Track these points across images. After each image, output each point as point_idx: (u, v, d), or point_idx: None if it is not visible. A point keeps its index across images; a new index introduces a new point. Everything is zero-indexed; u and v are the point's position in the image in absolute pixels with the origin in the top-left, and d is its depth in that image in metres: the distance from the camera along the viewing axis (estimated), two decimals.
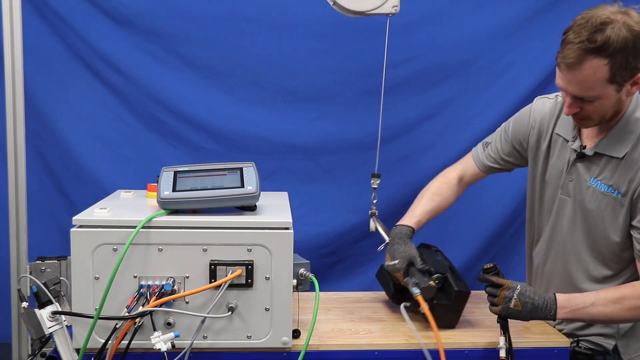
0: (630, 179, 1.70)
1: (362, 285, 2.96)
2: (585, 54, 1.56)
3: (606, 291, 1.73)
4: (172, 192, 1.74)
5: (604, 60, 1.56)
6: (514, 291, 1.73)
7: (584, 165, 1.79)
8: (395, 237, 1.95)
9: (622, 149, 1.71)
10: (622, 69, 1.58)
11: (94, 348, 1.65)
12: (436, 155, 2.96)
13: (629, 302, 1.68)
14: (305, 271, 1.83)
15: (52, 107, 2.80)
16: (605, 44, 1.54)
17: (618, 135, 1.72)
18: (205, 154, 2.88)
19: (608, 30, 1.54)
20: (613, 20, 1.55)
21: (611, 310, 1.69)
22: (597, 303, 1.70)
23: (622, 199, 1.71)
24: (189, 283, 1.69)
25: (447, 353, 1.81)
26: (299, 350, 1.72)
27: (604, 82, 1.60)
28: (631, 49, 1.56)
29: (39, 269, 1.84)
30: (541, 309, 1.72)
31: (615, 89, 1.62)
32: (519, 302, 1.72)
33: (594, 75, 1.59)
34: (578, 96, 1.65)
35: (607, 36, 1.54)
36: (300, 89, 2.90)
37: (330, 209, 2.96)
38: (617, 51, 1.55)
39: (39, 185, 2.80)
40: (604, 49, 1.55)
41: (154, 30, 2.80)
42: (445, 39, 2.90)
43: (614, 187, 1.72)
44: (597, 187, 1.75)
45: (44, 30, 2.74)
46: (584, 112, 1.69)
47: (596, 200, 1.76)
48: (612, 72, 1.58)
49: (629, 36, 1.54)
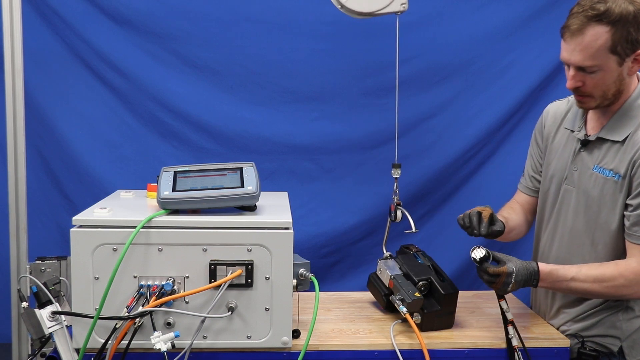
0: (629, 160, 1.72)
1: (362, 285, 2.94)
2: (588, 20, 1.65)
3: (589, 267, 1.76)
4: (172, 192, 1.74)
5: (606, 27, 1.64)
6: (511, 277, 1.74)
7: (587, 153, 1.82)
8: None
9: (623, 133, 1.74)
10: (623, 40, 1.65)
11: (93, 348, 1.65)
12: (436, 155, 2.96)
13: (610, 281, 1.71)
14: (305, 271, 1.83)
15: (52, 107, 2.79)
16: (607, 11, 1.63)
17: (620, 120, 1.76)
18: (205, 154, 2.88)
19: (610, 1, 1.64)
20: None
21: (590, 286, 1.73)
22: (577, 278, 1.74)
23: (622, 181, 1.73)
24: (189, 283, 1.69)
25: (447, 353, 1.83)
26: (299, 350, 1.72)
27: (606, 50, 1.66)
28: (632, 20, 1.64)
29: (39, 269, 1.84)
30: (528, 281, 1.75)
31: (616, 61, 1.68)
32: (515, 285, 1.75)
33: (596, 42, 1.66)
34: (580, 66, 1.70)
35: (608, 6, 1.64)
36: (300, 89, 2.90)
37: (330, 209, 2.96)
38: (619, 20, 1.63)
39: (38, 185, 2.80)
40: (606, 16, 1.63)
41: (154, 30, 2.79)
42: (445, 39, 2.90)
43: (615, 170, 1.75)
44: (599, 173, 1.78)
45: (44, 31, 2.74)
46: (586, 87, 1.74)
47: (598, 186, 1.78)
48: (613, 41, 1.65)
49: (630, 8, 1.63)
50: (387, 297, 1.98)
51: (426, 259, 2.05)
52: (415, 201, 2.96)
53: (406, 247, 2.14)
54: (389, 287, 1.98)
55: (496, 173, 2.99)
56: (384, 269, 2.03)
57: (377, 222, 2.91)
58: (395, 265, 2.03)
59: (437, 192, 3.01)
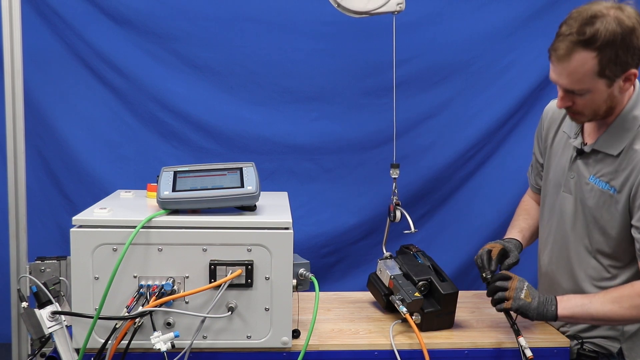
0: (625, 177, 1.69)
1: (362, 285, 2.94)
2: (574, 46, 1.58)
3: (605, 292, 1.73)
4: (171, 192, 1.74)
5: (593, 53, 1.58)
6: (524, 282, 1.76)
7: (583, 162, 1.80)
8: (509, 242, 2.01)
9: (618, 147, 1.71)
10: (611, 63, 1.59)
11: (93, 348, 1.65)
12: (436, 155, 2.96)
13: (628, 300, 1.67)
14: (305, 271, 1.83)
15: (52, 107, 2.79)
16: (594, 36, 1.56)
17: (615, 133, 1.72)
18: (205, 154, 2.88)
19: (597, 23, 1.56)
20: (604, 14, 1.57)
21: (610, 308, 1.68)
22: (595, 301, 1.70)
23: (618, 195, 1.71)
24: (189, 283, 1.69)
25: (447, 353, 1.82)
26: (298, 350, 1.72)
27: (593, 75, 1.60)
28: (620, 42, 1.56)
29: (39, 269, 1.84)
30: (544, 304, 1.73)
31: (605, 84, 1.63)
32: (529, 293, 1.74)
33: (583, 67, 1.60)
34: (569, 89, 1.66)
35: (595, 29, 1.56)
36: (300, 89, 2.90)
37: (330, 209, 2.96)
38: (606, 44, 1.56)
39: (38, 185, 2.80)
40: (592, 42, 1.56)
41: (154, 30, 2.79)
42: (445, 39, 2.90)
43: (611, 184, 1.72)
44: (595, 184, 1.75)
45: (44, 30, 2.74)
46: (576, 106, 1.70)
47: (595, 197, 1.76)
48: (601, 66, 1.59)
49: (618, 30, 1.56)
50: (387, 297, 1.98)
51: (426, 259, 2.05)
52: (415, 201, 2.96)
53: (406, 247, 2.14)
54: (388, 287, 1.98)
55: (496, 173, 2.99)
56: (383, 269, 2.03)
57: (377, 222, 2.92)
58: (395, 265, 2.03)
59: (437, 192, 3.01)
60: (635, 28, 1.58)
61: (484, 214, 3.00)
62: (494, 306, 1.79)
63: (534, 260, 2.11)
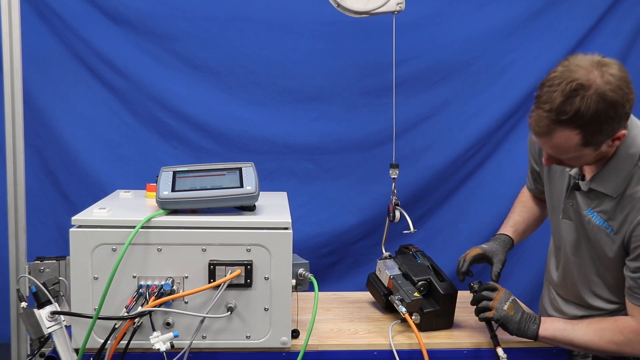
0: (622, 220, 1.63)
1: (361, 285, 2.94)
2: (554, 124, 1.49)
3: (589, 320, 1.72)
4: (171, 192, 1.74)
5: (575, 130, 1.48)
6: (510, 295, 1.77)
7: (581, 194, 1.73)
8: (497, 239, 1.98)
9: (616, 188, 1.62)
10: (596, 134, 1.50)
11: (93, 348, 1.65)
12: (436, 155, 2.96)
13: (609, 335, 1.65)
14: (304, 271, 1.83)
15: (52, 107, 2.79)
16: (575, 115, 1.45)
17: (611, 172, 1.63)
18: (205, 154, 2.88)
19: (577, 100, 1.45)
20: (586, 86, 1.45)
21: (590, 339, 1.67)
22: (577, 329, 1.69)
23: (615, 236, 1.66)
24: (188, 283, 1.69)
25: (447, 353, 1.82)
26: (298, 350, 1.72)
27: (578, 146, 1.52)
28: (604, 117, 1.46)
29: (38, 269, 1.84)
30: (526, 320, 1.74)
31: (592, 149, 1.54)
32: (512, 306, 1.75)
33: (566, 142, 1.52)
34: (554, 156, 1.61)
35: (577, 107, 1.45)
36: (300, 89, 2.90)
37: (330, 209, 2.96)
38: (589, 122, 1.46)
39: (38, 185, 2.80)
40: (574, 121, 1.47)
41: (154, 30, 2.79)
42: (445, 39, 2.90)
43: (609, 223, 1.66)
44: (593, 218, 1.70)
45: (43, 30, 2.74)
46: (563, 163, 1.64)
47: (592, 230, 1.71)
48: (585, 139, 1.50)
49: (601, 106, 1.45)
50: (387, 297, 1.98)
51: (425, 259, 2.05)
52: (414, 201, 2.96)
53: (405, 247, 2.14)
54: (388, 287, 1.98)
55: (495, 173, 2.99)
56: (383, 269, 2.03)
57: (376, 222, 2.92)
58: (394, 265, 2.03)
59: (436, 192, 3.01)
60: (620, 98, 1.46)
61: (483, 214, 3.00)
62: (477, 315, 1.81)
63: (534, 261, 2.11)
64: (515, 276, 3.00)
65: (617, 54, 2.92)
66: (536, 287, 2.18)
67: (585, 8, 2.90)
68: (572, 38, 2.91)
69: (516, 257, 2.99)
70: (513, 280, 2.96)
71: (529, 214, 2.07)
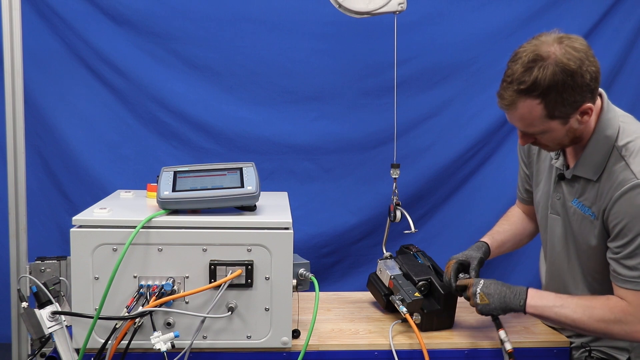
0: (601, 202, 1.65)
1: (362, 285, 2.94)
2: (517, 94, 1.54)
3: (580, 297, 1.71)
4: (171, 192, 1.74)
5: (536, 100, 1.53)
6: (477, 286, 1.76)
7: (566, 185, 1.75)
8: (471, 247, 1.99)
9: (595, 170, 1.65)
10: (559, 105, 1.53)
11: (93, 348, 1.65)
12: (436, 155, 2.96)
13: (598, 313, 1.64)
14: (305, 271, 1.83)
15: (52, 107, 2.79)
16: (534, 84, 1.51)
17: (590, 156, 1.66)
18: (205, 154, 2.88)
19: (535, 70, 1.50)
20: (545, 56, 1.51)
21: (579, 317, 1.65)
22: (566, 305, 1.67)
23: (596, 221, 1.67)
24: (189, 283, 1.69)
25: (447, 353, 1.83)
26: (298, 350, 1.72)
27: (544, 118, 1.56)
28: (562, 86, 1.50)
29: (39, 269, 1.84)
30: (510, 298, 1.72)
31: (559, 122, 1.58)
32: (483, 296, 1.74)
33: (531, 114, 1.56)
34: (525, 131, 1.64)
35: (534, 77, 1.50)
36: (300, 89, 2.90)
37: (330, 209, 2.96)
38: (547, 90, 1.51)
39: (38, 185, 2.80)
40: (533, 90, 1.52)
41: (154, 30, 2.79)
42: (445, 39, 2.90)
43: (591, 209, 1.68)
44: (578, 208, 1.71)
45: (44, 31, 2.74)
46: (539, 142, 1.68)
47: (578, 220, 1.73)
48: (548, 110, 1.54)
49: (558, 74, 1.49)
50: (387, 297, 1.98)
51: (426, 259, 2.05)
52: (415, 201, 2.96)
53: (406, 247, 2.14)
54: (388, 287, 1.98)
55: (495, 173, 2.99)
56: (383, 269, 2.03)
57: (376, 222, 2.92)
58: (395, 265, 2.03)
59: (436, 192, 3.01)
60: (578, 68, 1.51)
61: (483, 214, 2.99)
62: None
63: (534, 261, 2.11)
64: (516, 276, 3.00)
65: (617, 54, 2.93)
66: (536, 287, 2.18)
67: (585, 8, 2.89)
68: None
69: (516, 257, 2.99)
70: (513, 281, 2.95)
71: (510, 227, 2.08)
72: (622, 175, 1.59)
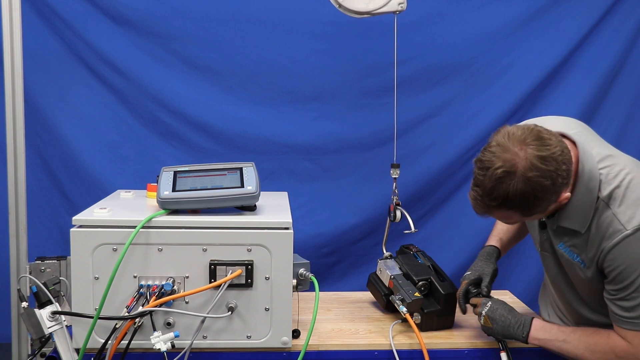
0: (593, 254, 1.62)
1: (362, 285, 2.94)
2: (490, 208, 1.56)
3: (583, 332, 1.70)
4: (171, 192, 1.74)
5: (510, 210, 1.54)
6: (483, 308, 1.79)
7: (551, 230, 1.73)
8: (482, 255, 2.00)
9: (582, 223, 1.61)
10: (533, 209, 1.53)
11: (93, 348, 1.65)
12: (436, 155, 2.96)
13: (601, 354, 1.65)
14: (305, 271, 1.83)
15: (52, 107, 2.79)
16: (505, 200, 1.50)
17: (575, 209, 1.61)
18: (205, 154, 2.88)
19: (504, 185, 1.49)
20: (511, 172, 1.48)
21: (581, 353, 1.67)
22: (569, 340, 1.69)
23: (587, 270, 1.66)
24: (189, 283, 1.69)
25: (447, 353, 1.83)
26: (298, 350, 1.72)
27: (522, 217, 1.58)
28: (533, 198, 1.50)
29: (39, 269, 1.84)
30: (513, 328, 1.74)
31: (539, 214, 1.59)
32: (487, 319, 1.77)
33: (508, 219, 1.62)
34: None
35: (504, 193, 1.49)
36: (300, 89, 2.90)
37: (330, 209, 2.96)
38: (519, 202, 1.51)
39: (38, 185, 2.80)
40: (504, 205, 1.52)
41: (154, 30, 2.79)
42: (445, 39, 2.90)
43: (581, 257, 1.66)
44: (565, 252, 1.70)
45: (44, 31, 2.74)
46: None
47: (567, 263, 1.72)
48: (524, 214, 1.55)
49: (526, 189, 1.48)
50: (387, 297, 1.98)
51: (426, 258, 2.05)
52: (415, 201, 2.96)
53: (406, 247, 2.14)
54: (389, 287, 1.98)
55: None
56: (383, 269, 2.03)
57: (376, 222, 2.92)
58: (395, 265, 2.03)
59: (437, 192, 3.01)
60: (548, 178, 1.48)
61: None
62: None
63: (534, 261, 2.11)
64: (516, 276, 3.00)
65: (617, 54, 2.93)
66: (536, 287, 2.18)
67: (585, 8, 2.89)
68: (573, 38, 2.91)
69: (517, 257, 2.99)
70: (514, 280, 2.96)
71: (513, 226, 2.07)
72: (612, 227, 1.56)
